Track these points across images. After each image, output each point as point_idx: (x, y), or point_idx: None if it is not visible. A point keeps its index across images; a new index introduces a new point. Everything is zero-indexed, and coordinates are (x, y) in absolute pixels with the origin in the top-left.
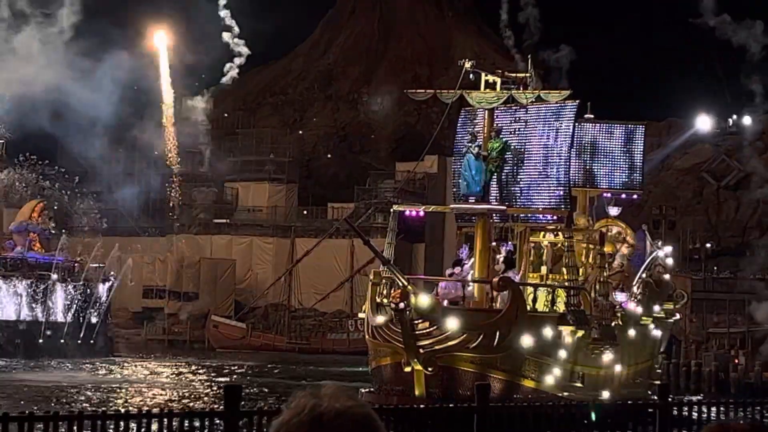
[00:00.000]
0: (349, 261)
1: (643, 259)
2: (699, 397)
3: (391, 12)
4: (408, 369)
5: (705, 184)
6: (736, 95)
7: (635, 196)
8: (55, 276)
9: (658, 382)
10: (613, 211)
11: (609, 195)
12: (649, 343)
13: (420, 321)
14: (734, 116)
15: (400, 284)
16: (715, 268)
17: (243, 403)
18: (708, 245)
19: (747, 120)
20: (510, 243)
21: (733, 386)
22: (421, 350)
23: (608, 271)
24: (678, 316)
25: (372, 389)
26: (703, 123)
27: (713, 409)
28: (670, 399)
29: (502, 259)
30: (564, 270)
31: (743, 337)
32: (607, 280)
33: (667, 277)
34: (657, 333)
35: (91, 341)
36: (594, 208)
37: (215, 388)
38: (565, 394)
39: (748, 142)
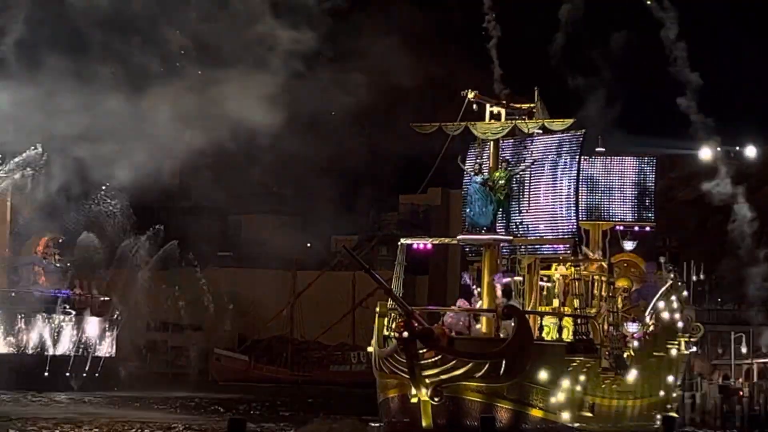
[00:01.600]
0: (352, 293)
1: (656, 289)
2: (704, 430)
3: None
4: (414, 400)
5: (709, 215)
6: (742, 125)
7: (648, 229)
8: (60, 309)
9: (675, 415)
10: (628, 245)
11: (621, 228)
12: (665, 375)
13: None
14: (737, 147)
15: (404, 313)
16: (719, 299)
17: None
18: (713, 276)
19: (751, 150)
20: (503, 274)
21: (737, 418)
22: (427, 380)
23: (620, 304)
24: (695, 349)
25: (380, 423)
26: (705, 154)
27: None
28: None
29: (500, 290)
30: (575, 301)
31: (748, 369)
32: (621, 311)
33: (676, 316)
34: (672, 364)
35: (96, 375)
36: (607, 241)
37: (219, 422)
38: (576, 425)
39: (751, 173)
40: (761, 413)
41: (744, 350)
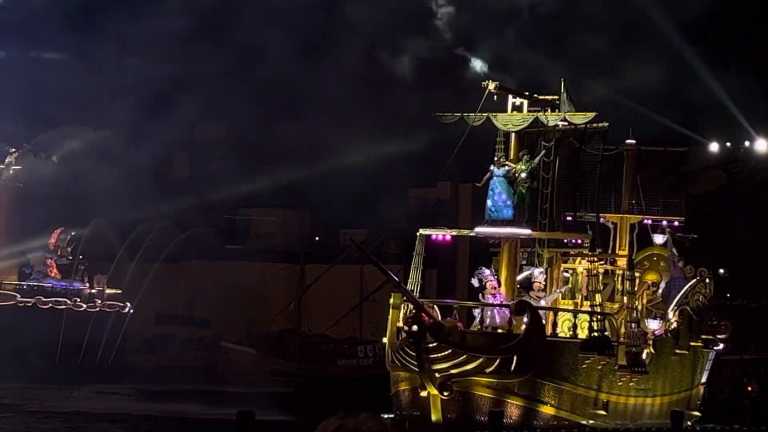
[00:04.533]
0: (360, 287)
1: (680, 284)
2: (712, 425)
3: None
4: (424, 394)
5: (718, 209)
6: (751, 119)
7: (677, 223)
8: (70, 302)
9: (697, 413)
10: (659, 238)
11: (650, 221)
12: (688, 372)
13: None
14: (747, 142)
15: (413, 307)
16: (728, 294)
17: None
18: (721, 271)
19: (762, 144)
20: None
21: (746, 413)
22: (437, 374)
23: (645, 299)
24: (722, 346)
25: (391, 415)
26: (715, 148)
27: None
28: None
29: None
30: (597, 296)
31: (757, 364)
32: (646, 306)
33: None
34: (697, 362)
35: (106, 368)
36: (635, 234)
37: (227, 414)
38: (590, 422)
39: (762, 168)
40: None
41: (753, 345)
